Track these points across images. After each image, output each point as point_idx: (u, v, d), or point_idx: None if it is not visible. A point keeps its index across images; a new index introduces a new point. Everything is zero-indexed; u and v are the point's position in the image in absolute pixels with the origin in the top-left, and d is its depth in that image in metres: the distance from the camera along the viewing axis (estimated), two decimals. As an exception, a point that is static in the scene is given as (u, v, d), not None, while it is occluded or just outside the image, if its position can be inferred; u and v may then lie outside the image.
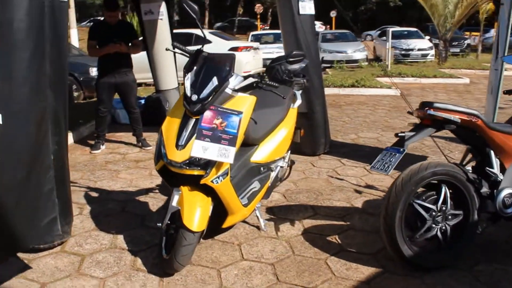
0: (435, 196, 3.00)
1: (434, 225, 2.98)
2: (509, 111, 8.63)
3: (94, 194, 4.51)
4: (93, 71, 9.68)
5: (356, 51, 17.58)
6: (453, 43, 21.82)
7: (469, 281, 2.98)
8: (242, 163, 3.34)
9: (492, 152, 3.04)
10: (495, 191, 3.05)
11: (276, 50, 15.62)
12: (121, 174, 5.14)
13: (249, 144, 3.44)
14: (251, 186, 3.37)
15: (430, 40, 20.69)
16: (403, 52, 19.03)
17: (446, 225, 3.01)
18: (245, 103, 3.06)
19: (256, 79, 3.32)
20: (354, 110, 8.95)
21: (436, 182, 2.98)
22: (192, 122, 2.90)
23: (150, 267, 3.09)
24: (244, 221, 3.72)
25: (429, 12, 17.95)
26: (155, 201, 4.27)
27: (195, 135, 2.82)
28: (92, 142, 6.18)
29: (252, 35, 18.51)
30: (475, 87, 12.64)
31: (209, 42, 12.84)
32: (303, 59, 3.91)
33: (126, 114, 6.34)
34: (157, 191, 4.55)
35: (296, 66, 4.26)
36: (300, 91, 4.29)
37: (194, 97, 2.89)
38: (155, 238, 3.44)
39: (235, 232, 3.61)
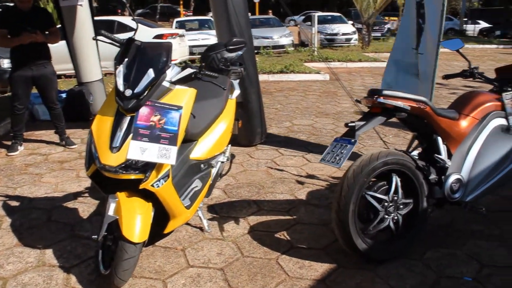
0: (386, 186, 2.92)
1: (386, 216, 2.91)
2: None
3: (14, 203, 4.04)
4: (5, 63, 8.88)
5: (282, 36, 17.58)
6: (375, 28, 22.44)
7: (420, 269, 2.96)
8: (181, 161, 3.09)
9: (439, 139, 3.00)
10: (442, 177, 3.03)
11: (201, 37, 15.28)
12: (44, 178, 4.67)
13: (187, 140, 3.20)
14: (192, 185, 3.14)
15: (353, 25, 21.14)
16: (328, 37, 19.30)
17: (398, 214, 2.95)
18: (184, 96, 2.81)
19: (194, 70, 3.07)
20: (286, 96, 8.87)
21: (386, 171, 2.90)
22: (126, 120, 2.60)
23: (86, 285, 2.78)
24: (186, 223, 3.48)
25: (352, -3, 18.31)
26: (85, 207, 3.90)
27: (131, 135, 2.53)
28: (9, 143, 5.57)
29: (176, 22, 17.95)
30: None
31: (136, 29, 12.26)
32: (243, 47, 3.71)
33: (46, 110, 5.77)
34: (87, 195, 4.16)
35: (233, 54, 4.06)
36: (238, 80, 4.09)
37: (128, 92, 2.59)
38: (88, 250, 3.13)
39: (178, 236, 3.37)
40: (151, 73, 2.64)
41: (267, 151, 5.41)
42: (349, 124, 2.80)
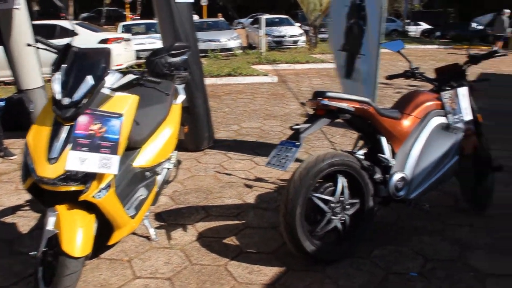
0: (333, 188, 2.95)
1: (333, 217, 2.94)
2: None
3: None
4: None
5: (230, 39, 17.55)
6: (322, 30, 22.80)
7: (368, 267, 3.01)
8: (124, 170, 3.01)
9: (383, 138, 3.06)
10: (387, 176, 3.08)
11: (148, 41, 15.02)
12: (-19, 190, 4.44)
13: (130, 147, 3.12)
14: (137, 194, 3.06)
15: (301, 27, 21.40)
16: (275, 39, 19.44)
17: (345, 215, 2.98)
18: (126, 103, 2.73)
19: (136, 75, 2.99)
20: (234, 99, 8.85)
21: (332, 173, 2.93)
22: (65, 129, 2.49)
23: (26, 303, 2.66)
24: (132, 233, 3.38)
25: (298, 0, 18.50)
26: (25, 221, 3.72)
27: (70, 144, 2.43)
28: None
29: (122, 26, 17.60)
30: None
31: (76, 34, 11.95)
32: (186, 51, 3.65)
33: (-18, 119, 5.50)
34: (27, 208, 3.97)
35: (177, 59, 4.00)
36: (183, 85, 4.04)
37: (66, 101, 2.49)
38: (28, 267, 2.98)
39: (123, 247, 3.28)
40: (89, 80, 2.55)
41: (215, 155, 5.36)
42: (294, 127, 2.81)
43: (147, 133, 3.24)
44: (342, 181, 2.93)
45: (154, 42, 14.87)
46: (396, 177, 3.07)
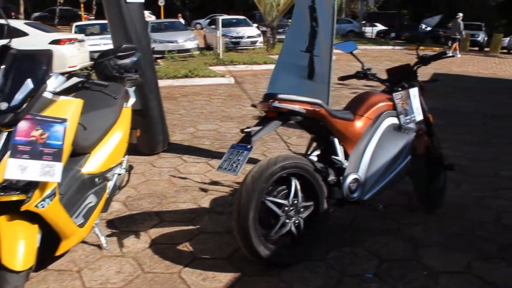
0: (286, 191, 2.91)
1: (287, 221, 2.90)
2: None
3: None
4: None
5: (187, 40, 17.38)
6: (280, 30, 22.93)
7: (324, 270, 3.00)
8: (72, 177, 2.89)
9: (336, 140, 3.05)
10: (341, 178, 3.08)
11: (103, 42, 14.63)
12: None
13: (78, 153, 3.00)
14: (86, 201, 2.95)
15: (258, 28, 21.43)
16: (233, 40, 19.40)
17: (299, 218, 2.96)
18: (69, 108, 2.61)
19: (81, 79, 2.87)
20: (190, 101, 8.74)
21: (285, 176, 2.90)
22: (3, 136, 2.36)
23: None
24: (82, 241, 3.25)
25: (256, 1, 18.50)
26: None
27: (9, 152, 2.30)
28: None
29: (76, 26, 17.13)
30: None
31: (26, 34, 11.52)
32: (134, 53, 3.55)
33: None
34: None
35: (127, 61, 3.89)
36: (134, 88, 3.93)
37: (4, 105, 2.34)
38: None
39: (73, 256, 3.14)
40: (29, 83, 2.42)
41: (170, 159, 5.26)
42: (245, 130, 2.76)
43: (95, 138, 3.12)
44: (295, 184, 2.90)
45: (109, 43, 14.51)
46: (350, 179, 3.06)
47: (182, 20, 23.05)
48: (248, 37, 19.67)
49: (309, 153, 3.30)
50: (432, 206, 3.88)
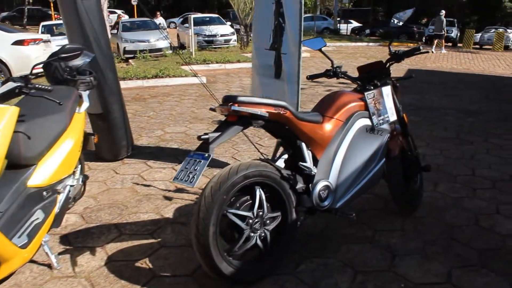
0: (250, 201, 2.67)
1: (252, 234, 2.65)
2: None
3: None
4: None
5: (159, 39, 16.97)
6: (253, 28, 22.70)
7: (294, 285, 2.77)
8: (15, 191, 2.60)
9: (303, 145, 2.81)
10: (310, 185, 2.84)
11: (70, 42, 14.21)
12: None
13: (23, 165, 2.71)
14: (31, 218, 2.67)
15: (232, 26, 21.12)
16: (206, 38, 19.08)
17: (265, 231, 2.71)
18: (3, 116, 2.33)
19: (17, 83, 2.59)
20: (160, 102, 8.43)
21: (249, 185, 2.65)
22: None
23: None
24: (31, 260, 2.96)
25: (229, -2, 18.25)
26: None
27: None
28: None
29: (42, 26, 16.61)
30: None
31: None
32: (80, 54, 3.27)
33: None
34: None
35: (79, 62, 3.61)
36: (88, 92, 3.64)
37: None
38: None
39: (19, 279, 2.84)
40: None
41: (134, 164, 4.96)
42: (202, 137, 2.50)
43: (42, 147, 2.83)
44: (260, 194, 2.66)
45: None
46: (320, 186, 2.83)
47: (161, 19, 22.45)
48: (222, 35, 19.36)
49: (276, 158, 3.06)
50: (409, 210, 3.69)
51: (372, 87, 3.24)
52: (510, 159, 5.22)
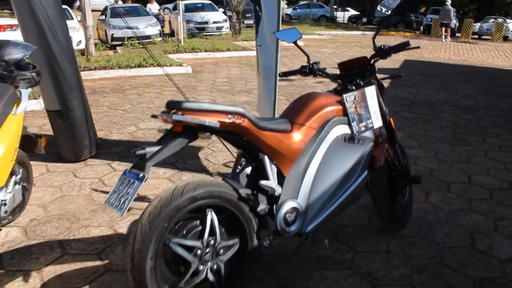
0: (200, 227, 2.22)
1: (202, 266, 2.21)
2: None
3: None
4: None
5: (148, 26, 16.39)
6: (247, 15, 22.14)
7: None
8: None
9: (266, 158, 2.35)
10: (274, 206, 2.39)
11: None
12: None
13: None
14: None
15: (225, 13, 20.50)
16: (197, 25, 18.49)
17: (219, 262, 2.26)
18: None
19: None
20: (139, 94, 7.94)
21: (201, 207, 2.20)
22: None
23: None
24: None
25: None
26: None
27: None
28: None
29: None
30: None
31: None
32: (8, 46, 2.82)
33: None
34: None
35: (17, 55, 3.15)
36: (29, 89, 3.18)
37: None
38: None
39: None
40: None
41: (97, 166, 4.49)
42: (138, 152, 2.03)
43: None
44: (211, 219, 2.21)
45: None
46: (286, 208, 2.38)
47: (155, 4, 21.73)
48: (214, 22, 18.73)
49: (238, 171, 2.60)
50: (396, 226, 3.25)
51: (354, 87, 2.77)
52: (509, 163, 4.78)
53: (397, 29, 25.96)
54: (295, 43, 2.98)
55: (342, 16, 32.29)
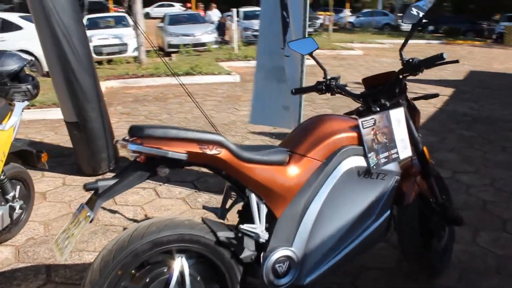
0: (168, 275, 1.84)
1: (167, 325, 1.82)
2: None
3: None
4: None
5: (204, 33, 16.34)
6: (310, 23, 21.79)
7: None
8: None
9: (253, 196, 1.93)
10: (262, 254, 1.96)
11: (112, 35, 13.86)
12: None
13: None
14: None
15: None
16: (255, 33, 18.26)
17: (191, 319, 1.87)
18: None
19: None
20: (180, 103, 7.71)
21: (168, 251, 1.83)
22: None
23: None
24: None
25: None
26: None
27: None
28: None
29: (88, 19, 16.36)
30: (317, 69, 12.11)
31: (20, 28, 10.80)
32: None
33: None
34: None
35: (11, 67, 2.93)
36: (25, 102, 2.96)
37: None
38: None
39: None
40: None
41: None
42: (89, 186, 1.69)
43: None
44: (181, 266, 1.82)
45: (120, 37, 13.77)
46: (276, 256, 1.94)
47: (216, 11, 21.74)
48: (271, 30, 18.45)
49: (229, 206, 2.20)
50: (429, 275, 2.71)
51: (378, 108, 2.30)
52: None
53: (466, 37, 24.56)
54: (310, 55, 2.55)
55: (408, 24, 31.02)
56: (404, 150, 2.30)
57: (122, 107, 7.48)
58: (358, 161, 2.12)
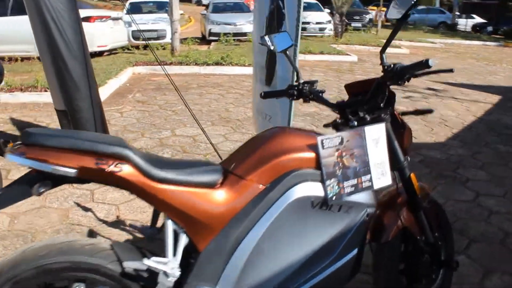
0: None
1: None
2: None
3: None
4: None
5: (246, 23, 16.01)
6: (355, 18, 21.09)
7: None
8: None
9: (169, 223, 1.58)
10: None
11: (152, 20, 13.75)
12: None
13: None
14: None
15: (331, 14, 19.56)
16: (300, 25, 17.79)
17: None
18: None
19: None
20: (201, 94, 7.42)
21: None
22: None
23: None
24: None
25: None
26: None
27: None
28: None
29: (130, 3, 16.33)
30: (361, 65, 11.58)
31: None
32: None
33: None
34: None
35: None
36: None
37: None
38: None
39: None
40: None
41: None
42: None
43: None
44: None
45: (158, 22, 13.66)
46: (190, 297, 1.59)
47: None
48: (317, 23, 17.91)
49: (159, 226, 1.86)
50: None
51: (355, 122, 1.89)
52: None
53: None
54: (283, 52, 2.16)
55: (464, 23, 29.53)
56: (382, 177, 1.87)
57: (141, 95, 7.27)
58: (314, 189, 1.72)
